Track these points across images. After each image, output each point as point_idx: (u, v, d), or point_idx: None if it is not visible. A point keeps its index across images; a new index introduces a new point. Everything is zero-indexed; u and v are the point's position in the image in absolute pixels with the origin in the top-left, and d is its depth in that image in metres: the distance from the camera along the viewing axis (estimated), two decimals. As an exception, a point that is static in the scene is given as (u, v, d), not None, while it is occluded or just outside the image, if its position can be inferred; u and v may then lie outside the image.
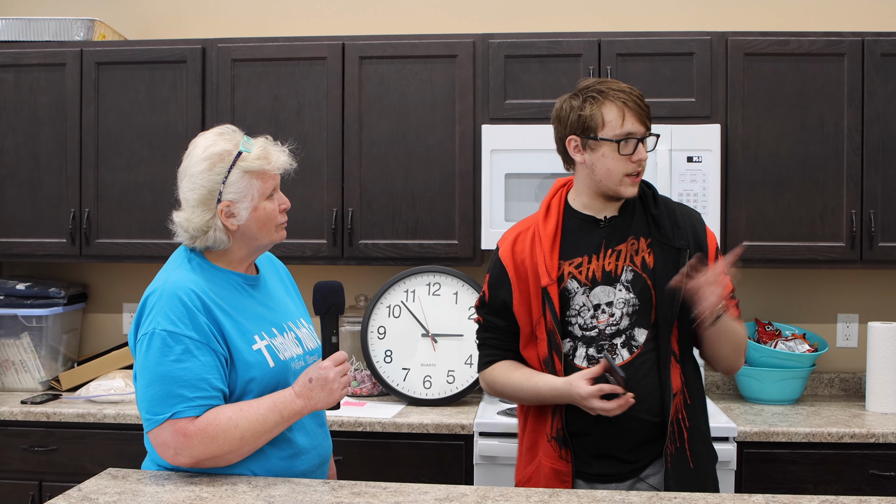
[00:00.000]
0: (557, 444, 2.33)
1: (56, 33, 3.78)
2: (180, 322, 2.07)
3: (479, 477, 3.15)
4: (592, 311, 2.33)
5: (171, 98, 3.68)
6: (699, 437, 2.34)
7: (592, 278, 2.33)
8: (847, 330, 3.83)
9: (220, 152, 2.18)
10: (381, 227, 3.61)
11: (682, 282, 2.23)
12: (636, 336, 2.31)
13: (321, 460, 2.28)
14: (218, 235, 2.19)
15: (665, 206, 2.39)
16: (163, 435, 2.07)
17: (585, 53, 3.49)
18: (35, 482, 3.40)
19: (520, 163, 3.46)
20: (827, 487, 3.10)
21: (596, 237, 2.36)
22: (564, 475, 2.32)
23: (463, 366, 3.48)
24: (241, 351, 2.13)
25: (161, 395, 2.06)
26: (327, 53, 3.61)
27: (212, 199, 2.17)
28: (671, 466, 2.27)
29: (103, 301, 4.14)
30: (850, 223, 3.43)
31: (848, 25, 3.77)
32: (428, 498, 1.99)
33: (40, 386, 3.77)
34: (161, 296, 2.11)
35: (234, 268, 2.26)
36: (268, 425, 2.10)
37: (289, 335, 2.28)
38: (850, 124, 3.43)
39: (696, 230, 2.37)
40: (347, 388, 2.20)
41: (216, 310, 2.13)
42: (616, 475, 2.32)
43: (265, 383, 2.16)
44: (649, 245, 2.34)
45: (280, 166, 2.25)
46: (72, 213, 3.71)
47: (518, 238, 2.42)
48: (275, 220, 2.24)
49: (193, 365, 2.06)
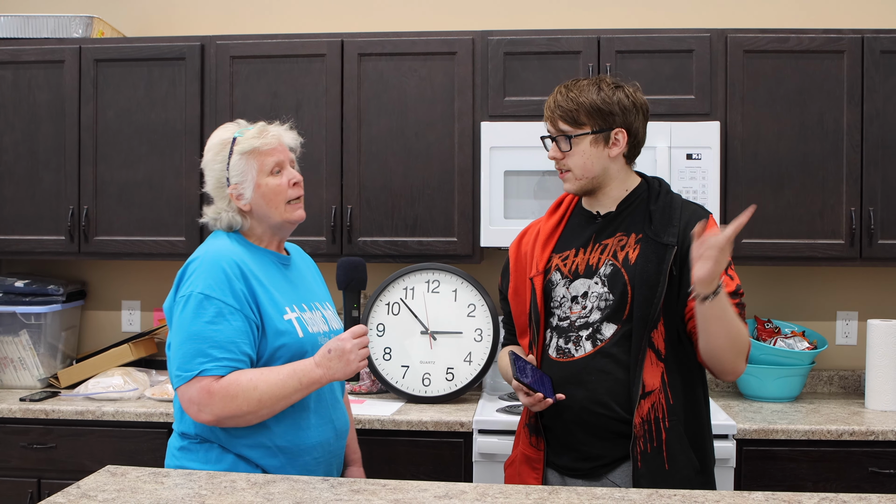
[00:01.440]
0: (529, 430, 2.42)
1: (55, 30, 3.77)
2: (217, 287, 2.18)
3: (479, 474, 3.15)
4: (570, 302, 2.36)
5: (170, 95, 3.67)
6: (678, 439, 2.26)
7: (574, 271, 2.37)
8: (846, 327, 3.83)
9: (220, 141, 2.35)
10: (380, 224, 3.60)
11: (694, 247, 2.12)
12: (603, 330, 2.31)
13: (336, 433, 2.35)
14: (233, 216, 2.34)
15: (665, 202, 2.37)
16: (190, 391, 2.16)
17: (585, 51, 3.49)
18: (34, 479, 3.40)
19: (519, 160, 3.46)
20: (826, 485, 3.10)
21: (588, 231, 2.41)
22: (535, 462, 2.39)
23: (462, 363, 3.48)
24: (272, 319, 2.23)
25: (191, 353, 2.16)
26: (326, 50, 3.60)
27: (222, 186, 2.34)
28: (642, 466, 2.23)
29: (102, 298, 4.14)
30: (850, 220, 3.42)
31: (847, 23, 3.76)
32: (427, 495, 1.99)
33: (39, 383, 3.77)
34: (203, 262, 2.23)
35: (266, 247, 2.38)
36: (286, 390, 2.18)
37: (316, 313, 2.40)
38: (850, 121, 3.43)
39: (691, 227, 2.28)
40: (365, 361, 2.25)
41: (253, 280, 2.24)
42: (579, 470, 2.32)
43: (294, 351, 2.25)
44: (638, 241, 2.33)
45: (273, 141, 2.34)
46: (70, 211, 3.70)
47: (528, 231, 2.55)
48: (282, 195, 2.33)
49: (225, 328, 2.17)
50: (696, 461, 2.28)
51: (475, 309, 3.51)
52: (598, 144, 2.34)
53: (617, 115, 2.33)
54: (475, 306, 3.51)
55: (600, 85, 2.34)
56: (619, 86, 2.36)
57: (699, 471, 2.29)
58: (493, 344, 3.47)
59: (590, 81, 2.36)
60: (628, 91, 2.36)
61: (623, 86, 2.37)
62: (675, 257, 2.28)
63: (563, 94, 2.36)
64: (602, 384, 2.28)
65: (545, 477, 2.38)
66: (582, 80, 2.38)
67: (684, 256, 2.27)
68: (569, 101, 2.33)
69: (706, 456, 2.33)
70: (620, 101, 2.33)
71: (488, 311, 3.49)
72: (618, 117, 2.33)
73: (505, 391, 3.65)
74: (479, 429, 3.18)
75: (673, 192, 2.42)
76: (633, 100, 2.36)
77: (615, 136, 2.34)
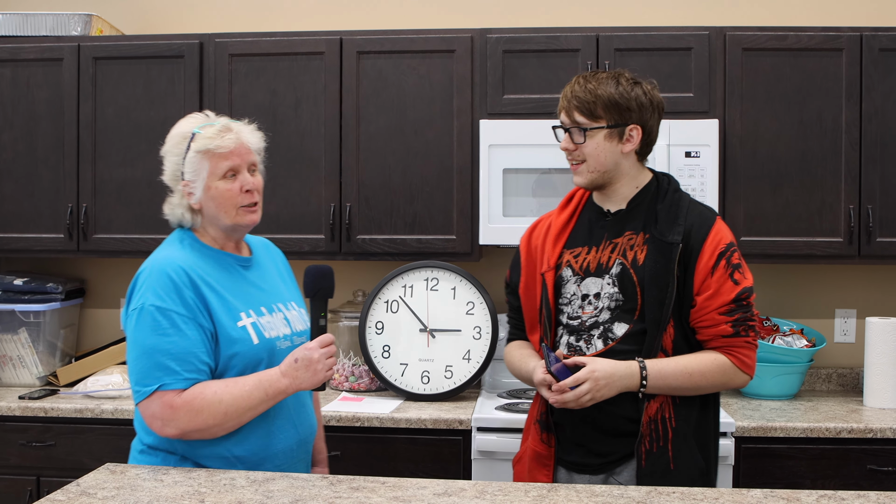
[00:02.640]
0: (540, 427, 2.40)
1: (53, 28, 3.77)
2: (167, 297, 2.13)
3: (478, 472, 3.15)
4: (580, 301, 2.34)
5: (169, 93, 3.67)
6: (685, 440, 2.26)
7: (586, 269, 2.35)
8: (845, 325, 3.83)
9: (181, 133, 2.28)
10: (379, 222, 3.60)
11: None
12: (614, 330, 2.30)
13: (300, 439, 2.30)
14: (183, 213, 2.28)
15: (672, 201, 2.34)
16: (151, 407, 2.12)
17: (583, 48, 3.49)
18: (33, 477, 3.40)
19: (518, 158, 3.46)
20: (825, 482, 3.10)
21: (600, 229, 2.38)
22: (546, 459, 2.37)
23: (461, 361, 3.48)
24: (225, 327, 2.17)
25: (149, 368, 2.11)
26: (325, 48, 3.60)
27: (177, 179, 2.28)
28: (646, 465, 2.23)
29: (101, 296, 4.14)
30: (848, 218, 3.43)
31: (846, 20, 3.76)
32: (426, 493, 1.99)
33: (38, 381, 3.77)
34: (151, 272, 2.17)
35: (222, 248, 2.30)
36: (252, 402, 2.14)
37: (277, 315, 2.32)
38: (849, 119, 3.43)
39: (696, 228, 2.29)
40: (332, 371, 2.21)
41: (203, 286, 2.18)
42: (588, 466, 2.31)
43: (248, 360, 2.19)
44: (646, 241, 2.31)
45: (230, 144, 2.23)
46: (69, 209, 3.70)
47: (539, 224, 2.52)
48: (233, 202, 2.24)
49: (181, 339, 2.12)
50: (701, 462, 2.27)
51: (474, 307, 3.51)
52: (612, 139, 2.31)
53: (633, 112, 2.30)
54: (474, 304, 3.51)
55: (619, 79, 2.32)
56: (638, 82, 2.34)
57: (704, 472, 2.27)
58: (492, 342, 3.47)
59: (609, 75, 2.33)
60: (646, 88, 2.34)
61: (641, 82, 2.34)
62: (680, 257, 2.26)
63: (582, 84, 2.32)
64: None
65: (555, 474, 2.36)
66: (601, 73, 2.34)
67: (688, 257, 2.26)
68: (587, 93, 2.30)
69: (710, 457, 2.32)
70: (638, 98, 2.31)
71: (487, 308, 3.50)
72: (634, 113, 2.31)
73: (504, 389, 3.65)
74: (477, 426, 3.18)
75: (682, 190, 2.39)
76: (650, 97, 2.33)
77: (630, 132, 2.31)
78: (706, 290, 2.25)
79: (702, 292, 2.26)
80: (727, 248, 2.29)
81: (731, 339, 2.26)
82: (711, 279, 2.25)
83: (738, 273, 2.27)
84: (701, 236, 2.28)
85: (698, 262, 2.26)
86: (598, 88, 2.30)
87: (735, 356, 2.27)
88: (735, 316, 2.25)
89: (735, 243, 2.33)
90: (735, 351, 2.27)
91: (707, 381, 2.26)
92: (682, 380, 2.24)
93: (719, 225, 2.33)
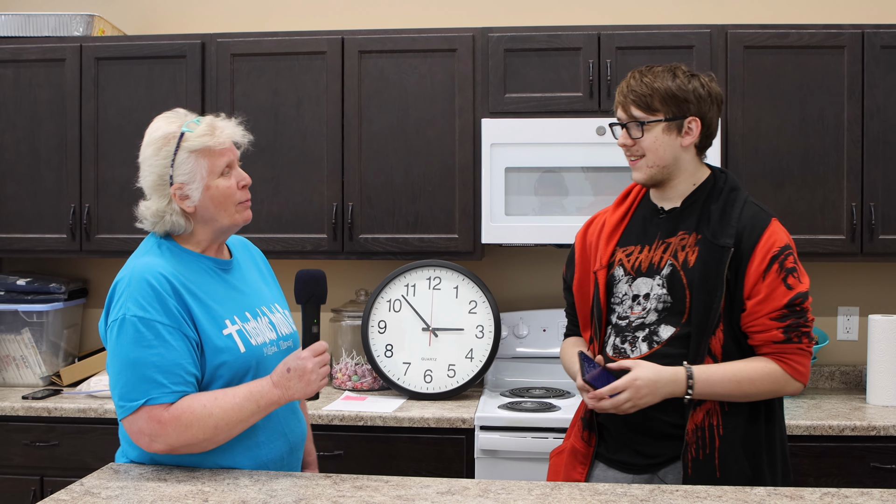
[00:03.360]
0: (583, 425, 2.39)
1: (55, 29, 3.78)
2: (150, 307, 2.04)
3: (481, 471, 3.16)
4: (631, 301, 2.31)
5: (171, 93, 3.67)
6: (732, 448, 2.20)
7: (637, 268, 2.32)
8: (847, 323, 3.83)
9: (164, 135, 2.17)
10: (382, 221, 3.61)
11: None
12: (660, 332, 2.26)
13: (290, 447, 2.25)
14: (175, 219, 2.16)
15: (727, 200, 2.28)
16: (138, 422, 2.05)
17: (585, 47, 3.49)
18: (36, 477, 3.41)
19: (520, 156, 3.46)
20: (828, 480, 3.10)
21: (653, 228, 2.35)
22: (583, 456, 2.37)
23: (463, 360, 3.48)
24: (210, 336, 2.10)
25: (135, 381, 2.03)
26: (327, 48, 3.61)
27: (164, 184, 2.16)
28: (692, 472, 2.19)
29: (104, 296, 4.09)
30: (851, 216, 3.43)
31: (848, 18, 3.76)
32: (430, 491, 2.00)
33: (41, 381, 3.77)
34: (130, 281, 2.09)
35: (204, 251, 2.22)
36: (243, 414, 2.07)
37: (262, 319, 2.25)
38: (851, 117, 3.43)
39: (748, 231, 2.23)
40: (325, 380, 2.15)
41: (186, 294, 2.10)
42: (634, 466, 2.29)
43: (235, 369, 2.13)
44: (697, 242, 2.26)
45: (226, 139, 2.19)
46: (72, 209, 3.71)
47: (594, 221, 2.49)
48: (232, 198, 2.18)
49: (167, 350, 2.03)
50: (748, 471, 2.21)
51: (476, 306, 3.51)
52: (670, 132, 2.27)
53: (692, 104, 2.27)
54: (476, 303, 3.51)
55: (675, 72, 2.29)
56: (695, 74, 2.31)
57: (752, 480, 2.20)
58: (495, 340, 3.48)
59: (664, 68, 2.30)
60: (703, 80, 2.31)
61: (698, 75, 2.32)
62: (731, 260, 2.21)
63: (637, 78, 2.29)
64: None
65: (591, 471, 2.36)
66: (656, 67, 2.32)
67: (740, 260, 2.22)
68: (643, 86, 2.27)
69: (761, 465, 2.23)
70: (696, 90, 2.27)
71: (490, 307, 3.50)
72: (692, 105, 2.27)
73: (507, 388, 3.65)
74: (480, 425, 3.18)
75: (739, 189, 2.33)
76: (708, 89, 2.30)
77: (688, 124, 2.28)
78: (756, 294, 2.20)
79: (752, 297, 2.20)
80: (781, 252, 2.22)
81: (783, 345, 2.21)
82: (763, 284, 2.19)
83: (792, 277, 2.21)
84: (753, 239, 2.22)
85: (749, 266, 2.21)
86: (655, 81, 2.27)
87: (787, 363, 2.21)
88: (787, 322, 2.19)
89: (791, 246, 2.26)
90: (787, 357, 2.21)
91: (756, 389, 2.20)
92: (729, 387, 2.19)
93: (774, 227, 2.26)
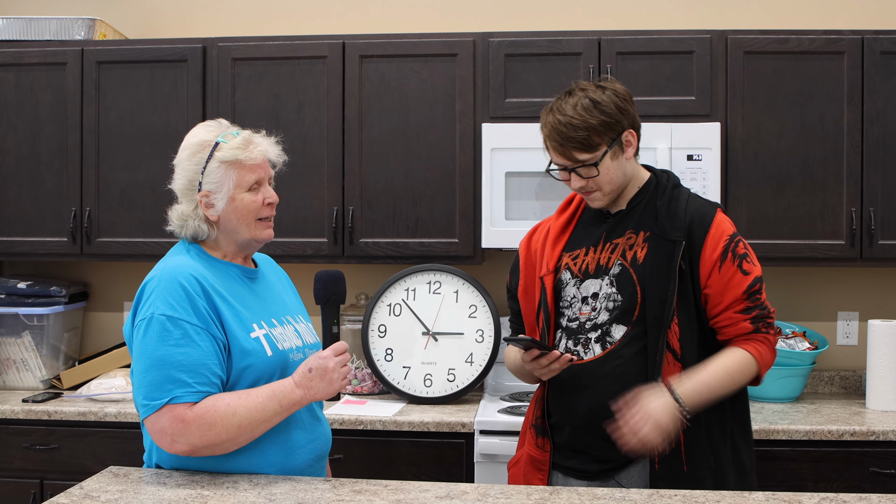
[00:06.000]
0: (535, 432, 2.39)
1: (57, 32, 3.78)
2: (179, 306, 2.05)
3: (480, 475, 3.16)
4: (580, 303, 2.33)
5: (172, 97, 3.68)
6: (697, 440, 2.23)
7: (585, 270, 2.34)
8: (847, 328, 3.83)
9: (200, 142, 2.20)
10: (382, 225, 3.61)
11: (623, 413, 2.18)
12: (612, 332, 2.28)
13: (318, 455, 2.24)
14: (199, 225, 2.19)
15: (671, 196, 2.32)
16: (161, 421, 2.03)
17: (585, 52, 3.49)
18: (36, 480, 3.41)
19: (520, 161, 3.46)
20: (827, 485, 3.11)
21: (598, 230, 2.37)
22: (541, 464, 2.36)
23: (463, 364, 3.49)
24: (238, 338, 2.11)
25: (160, 380, 2.03)
26: (328, 52, 3.61)
27: (192, 189, 2.19)
28: (660, 468, 2.21)
29: (104, 300, 4.14)
30: (850, 221, 3.43)
31: (847, 23, 3.77)
32: (429, 496, 2.00)
33: (41, 384, 3.77)
34: (160, 280, 2.10)
35: (230, 260, 2.24)
36: (266, 414, 2.07)
37: (288, 327, 2.26)
38: (850, 122, 3.43)
39: (697, 222, 2.27)
40: (347, 379, 2.17)
41: (215, 296, 2.11)
42: (586, 472, 2.29)
43: (261, 372, 2.13)
44: (646, 239, 2.29)
45: (258, 157, 2.20)
46: (73, 212, 3.71)
47: (538, 228, 2.51)
48: (255, 214, 2.20)
49: (193, 350, 2.04)
50: (712, 462, 2.24)
51: (476, 310, 3.52)
52: (616, 156, 2.29)
53: (620, 119, 2.28)
54: (476, 307, 3.52)
55: (588, 97, 2.27)
56: (600, 86, 2.30)
57: (715, 471, 2.24)
58: (495, 344, 3.48)
59: (575, 101, 2.27)
60: (608, 87, 2.30)
61: (602, 86, 2.31)
62: (683, 252, 2.25)
63: (563, 122, 2.26)
64: (612, 388, 2.23)
65: (549, 480, 2.35)
66: (564, 102, 2.29)
67: (692, 250, 2.25)
68: (575, 130, 2.25)
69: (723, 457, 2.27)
70: (614, 103, 2.27)
71: (490, 312, 3.50)
72: (622, 120, 2.28)
73: (506, 392, 3.65)
74: (480, 429, 3.18)
75: (682, 186, 2.37)
76: (619, 94, 2.30)
77: (626, 138, 2.30)
78: (715, 283, 2.24)
79: (710, 286, 2.25)
80: (731, 240, 2.27)
81: (753, 335, 2.26)
82: (720, 273, 2.24)
83: (746, 262, 2.27)
84: (704, 230, 2.26)
85: (702, 255, 2.25)
86: (583, 119, 2.24)
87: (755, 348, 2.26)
88: (752, 314, 2.25)
89: (738, 233, 2.31)
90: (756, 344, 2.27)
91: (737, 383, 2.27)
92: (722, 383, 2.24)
93: (720, 217, 2.31)
